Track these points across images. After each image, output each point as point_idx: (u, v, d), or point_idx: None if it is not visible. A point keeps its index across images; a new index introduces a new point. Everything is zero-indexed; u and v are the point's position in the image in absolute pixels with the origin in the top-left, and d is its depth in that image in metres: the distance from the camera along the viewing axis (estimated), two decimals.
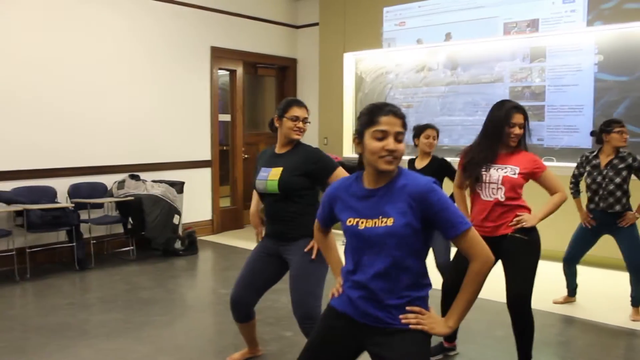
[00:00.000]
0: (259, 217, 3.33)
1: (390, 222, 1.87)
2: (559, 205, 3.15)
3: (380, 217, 1.89)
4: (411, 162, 4.39)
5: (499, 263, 3.18)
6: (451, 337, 3.53)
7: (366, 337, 1.96)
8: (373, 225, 1.90)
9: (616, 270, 5.17)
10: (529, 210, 3.16)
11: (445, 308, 3.38)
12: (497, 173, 3.11)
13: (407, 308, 1.91)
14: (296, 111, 2.99)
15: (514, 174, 3.09)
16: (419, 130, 4.34)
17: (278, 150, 3.08)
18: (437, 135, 4.34)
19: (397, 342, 1.90)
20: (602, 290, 4.93)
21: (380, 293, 1.91)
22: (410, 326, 1.90)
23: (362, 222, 1.93)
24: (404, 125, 1.91)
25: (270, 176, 2.96)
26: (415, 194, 1.87)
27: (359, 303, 1.95)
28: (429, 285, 1.99)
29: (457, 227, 1.86)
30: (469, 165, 3.21)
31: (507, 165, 3.13)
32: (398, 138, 1.89)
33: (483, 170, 3.14)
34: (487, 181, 3.13)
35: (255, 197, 3.35)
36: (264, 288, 3.17)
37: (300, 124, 2.99)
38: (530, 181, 3.19)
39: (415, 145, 4.36)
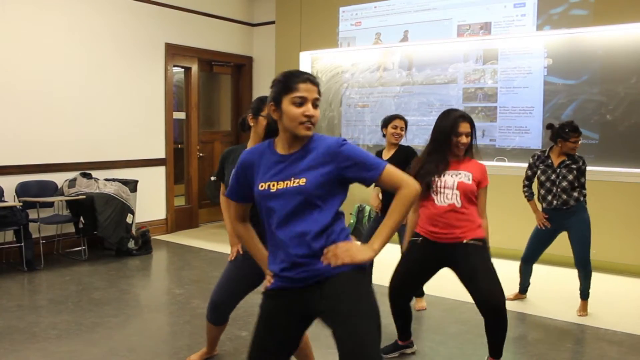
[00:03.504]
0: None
1: (302, 181, 1.93)
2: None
3: (293, 178, 1.94)
4: (379, 154, 4.32)
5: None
6: (405, 336, 3.51)
7: (307, 301, 1.97)
8: (285, 187, 1.95)
9: (564, 267, 5.33)
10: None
11: (397, 320, 3.40)
12: (452, 179, 3.10)
13: (325, 250, 1.93)
14: None
15: (468, 180, 3.10)
16: (387, 121, 4.33)
17: None
18: (406, 127, 4.32)
19: (328, 288, 1.93)
20: (551, 287, 5.07)
21: (299, 255, 1.93)
22: (332, 264, 1.91)
23: (273, 185, 1.97)
24: (319, 92, 1.99)
25: None
26: (329, 151, 1.95)
27: (287, 274, 1.97)
28: (348, 232, 2.03)
29: (377, 168, 1.95)
30: (420, 175, 3.11)
31: (460, 170, 3.13)
32: (315, 104, 1.97)
33: (436, 176, 3.12)
34: (442, 186, 3.11)
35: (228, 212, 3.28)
36: (245, 293, 3.15)
37: None
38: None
39: (384, 136, 4.35)
